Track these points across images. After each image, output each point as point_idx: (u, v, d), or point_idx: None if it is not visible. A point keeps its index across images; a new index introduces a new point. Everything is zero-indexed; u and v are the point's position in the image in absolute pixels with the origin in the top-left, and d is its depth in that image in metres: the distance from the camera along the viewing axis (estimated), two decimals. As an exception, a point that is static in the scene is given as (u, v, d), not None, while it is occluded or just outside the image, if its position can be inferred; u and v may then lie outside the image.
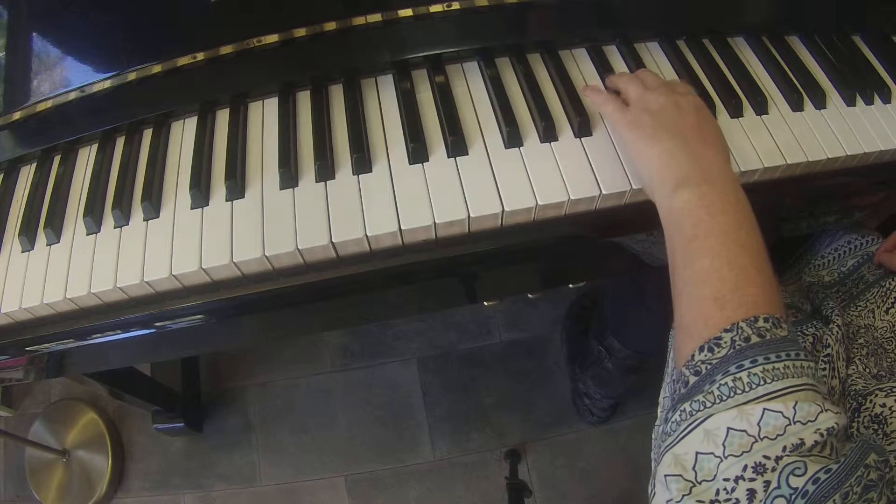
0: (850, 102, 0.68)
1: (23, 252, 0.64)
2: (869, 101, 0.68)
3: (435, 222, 0.58)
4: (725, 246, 0.45)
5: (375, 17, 0.67)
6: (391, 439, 1.42)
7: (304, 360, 1.51)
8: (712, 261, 0.45)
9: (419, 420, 1.43)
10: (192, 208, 0.62)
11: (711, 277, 0.45)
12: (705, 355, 0.42)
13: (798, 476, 0.35)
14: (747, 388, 0.39)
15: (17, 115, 0.69)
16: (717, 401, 0.40)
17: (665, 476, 0.40)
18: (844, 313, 0.66)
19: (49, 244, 0.64)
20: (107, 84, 0.68)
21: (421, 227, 0.58)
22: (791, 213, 0.70)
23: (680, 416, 0.42)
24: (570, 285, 0.86)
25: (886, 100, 0.68)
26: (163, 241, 0.61)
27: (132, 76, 0.67)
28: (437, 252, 0.61)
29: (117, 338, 0.64)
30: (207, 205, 0.62)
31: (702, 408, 0.41)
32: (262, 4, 0.68)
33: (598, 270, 0.86)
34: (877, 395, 0.52)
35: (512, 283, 0.78)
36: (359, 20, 0.67)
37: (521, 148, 0.62)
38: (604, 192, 0.60)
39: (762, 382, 0.39)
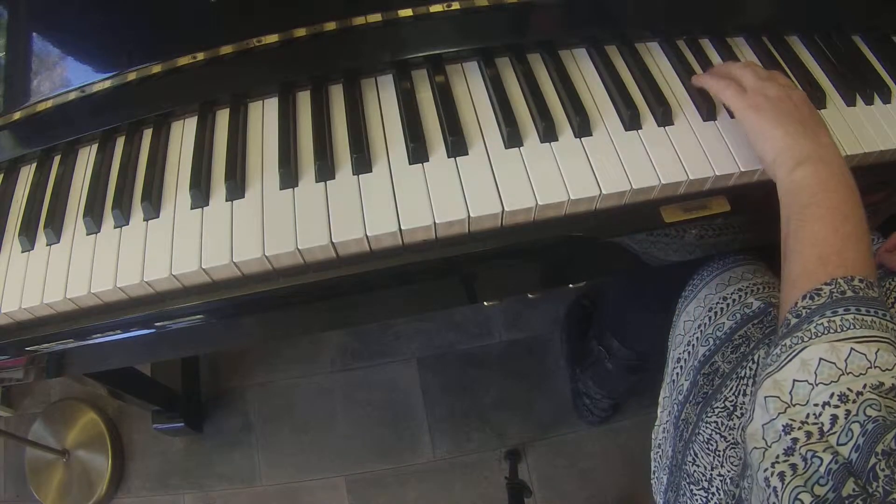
0: (850, 102, 0.68)
1: (23, 252, 0.64)
2: (869, 101, 0.68)
3: (435, 222, 0.58)
4: (833, 216, 0.52)
5: (375, 17, 0.67)
6: (391, 439, 1.42)
7: (304, 360, 1.51)
8: (822, 226, 0.52)
9: (419, 420, 1.43)
10: (192, 208, 0.62)
11: (819, 240, 0.51)
12: (807, 302, 0.49)
13: (874, 409, 0.41)
14: (839, 329, 0.46)
15: (17, 115, 0.69)
16: (814, 336, 0.46)
17: (765, 398, 0.46)
18: (845, 313, 0.66)
19: (49, 244, 0.64)
20: (107, 84, 0.68)
21: (421, 227, 0.58)
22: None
23: (780, 349, 0.48)
24: (570, 285, 0.86)
25: (886, 100, 0.68)
26: (163, 241, 0.61)
27: (132, 76, 0.67)
28: (438, 252, 0.61)
29: (117, 338, 0.64)
30: (207, 205, 0.62)
31: (800, 341, 0.47)
32: (262, 4, 0.68)
33: (598, 270, 0.86)
34: None
35: (512, 283, 0.78)
36: (359, 20, 0.67)
37: (521, 148, 0.62)
38: (604, 191, 0.60)
39: (852, 327, 0.45)
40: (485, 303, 0.84)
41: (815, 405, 0.43)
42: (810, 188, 0.54)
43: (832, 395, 0.43)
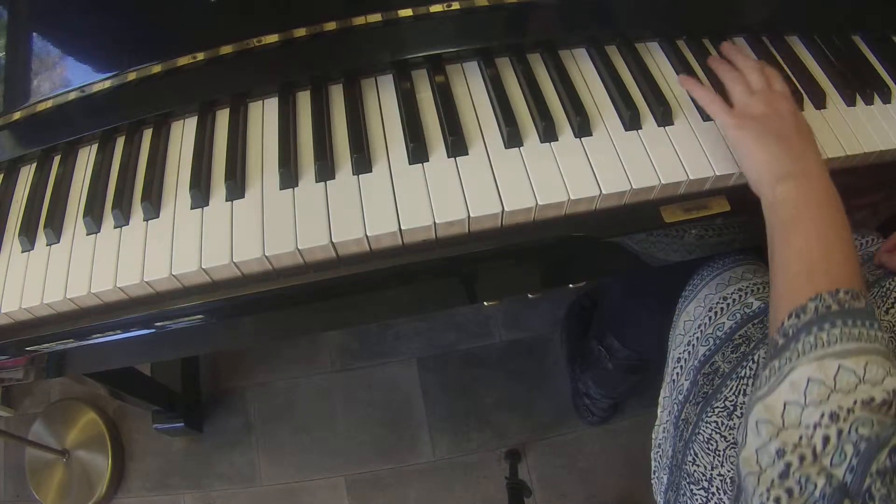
0: (850, 102, 0.68)
1: (23, 252, 0.64)
2: (869, 101, 0.68)
3: (435, 222, 0.58)
4: (817, 230, 0.52)
5: (375, 17, 0.67)
6: (391, 439, 1.42)
7: (304, 360, 1.51)
8: (805, 240, 0.52)
9: (419, 420, 1.43)
10: (192, 208, 0.62)
11: (803, 255, 0.51)
12: (793, 321, 0.48)
13: (866, 427, 0.41)
14: (826, 345, 0.45)
15: (17, 115, 0.69)
16: (801, 355, 0.46)
17: (757, 422, 0.46)
18: (845, 313, 0.66)
19: (49, 244, 0.64)
20: (107, 84, 0.68)
21: (421, 227, 0.58)
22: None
23: (769, 371, 0.48)
24: (570, 285, 0.86)
25: (886, 100, 0.68)
26: (163, 242, 0.61)
27: (132, 76, 0.67)
28: (437, 252, 0.61)
29: (117, 338, 0.64)
30: (207, 205, 0.62)
31: (787, 363, 0.46)
32: (262, 4, 0.68)
33: (598, 270, 0.86)
34: None
35: (512, 283, 0.78)
36: (359, 20, 0.67)
37: (521, 148, 0.62)
38: (604, 192, 0.60)
39: (839, 341, 0.45)
40: (485, 303, 0.84)
41: (807, 427, 0.43)
42: (792, 203, 0.54)
43: (822, 414, 0.42)
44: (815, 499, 0.40)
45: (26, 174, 0.71)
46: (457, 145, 0.62)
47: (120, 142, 0.69)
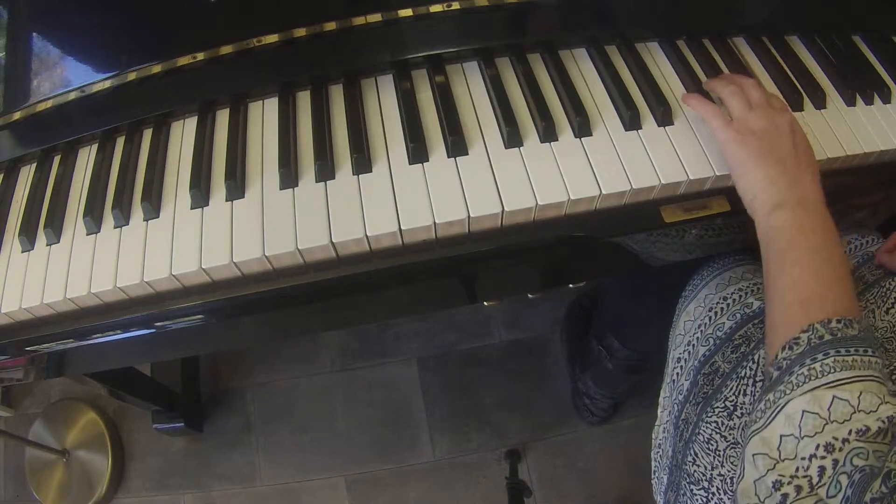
0: (850, 102, 0.68)
1: (23, 252, 0.64)
2: (869, 101, 0.68)
3: (435, 222, 0.58)
4: (812, 259, 0.52)
5: (375, 17, 0.67)
6: (391, 439, 1.42)
7: (304, 360, 1.51)
8: (801, 271, 0.52)
9: (419, 420, 1.43)
10: (192, 208, 0.62)
11: (798, 285, 0.51)
12: (786, 353, 0.48)
13: (861, 458, 0.41)
14: (819, 375, 0.45)
15: (17, 115, 0.69)
16: (795, 387, 0.46)
17: (753, 455, 0.46)
18: (845, 313, 0.66)
19: (49, 244, 0.64)
20: (107, 84, 0.68)
21: (421, 227, 0.58)
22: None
23: (765, 405, 0.48)
24: (570, 285, 0.86)
25: (886, 100, 0.68)
26: (163, 241, 0.61)
27: (132, 76, 0.67)
28: (437, 252, 0.61)
29: (117, 338, 0.64)
30: (207, 205, 0.62)
31: (782, 396, 0.47)
32: (262, 4, 0.68)
33: (598, 270, 0.86)
34: None
35: (512, 283, 0.78)
36: (359, 20, 0.67)
37: (521, 148, 0.62)
38: (604, 192, 0.60)
39: (832, 371, 0.45)
40: (485, 303, 0.84)
41: (803, 458, 0.43)
42: (787, 232, 0.54)
43: (818, 446, 0.43)
44: None
45: (26, 174, 0.71)
46: (457, 145, 0.62)
47: (120, 142, 0.69)
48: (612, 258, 0.70)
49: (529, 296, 0.91)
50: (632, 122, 0.64)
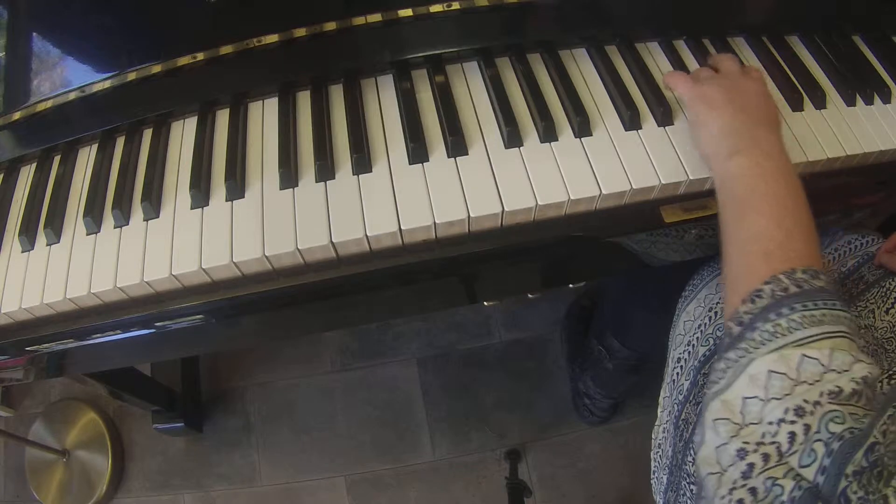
0: (850, 102, 0.68)
1: (23, 252, 0.64)
2: (869, 101, 0.68)
3: (435, 222, 0.58)
4: (774, 208, 0.48)
5: (375, 17, 0.67)
6: (391, 439, 1.42)
7: (304, 360, 1.51)
8: (761, 220, 0.48)
9: (419, 420, 1.43)
10: (192, 208, 0.62)
11: (761, 235, 0.48)
12: (748, 307, 0.45)
13: (838, 423, 0.37)
14: (786, 333, 0.42)
15: (17, 115, 0.69)
16: (759, 346, 0.42)
17: (714, 420, 0.43)
18: (844, 313, 0.66)
19: (49, 244, 0.64)
20: (107, 84, 0.68)
21: (421, 227, 0.58)
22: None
23: (725, 363, 0.44)
24: (570, 285, 0.86)
25: (886, 100, 0.68)
26: (163, 241, 0.61)
27: (132, 76, 0.67)
28: (438, 252, 0.61)
29: (117, 338, 0.64)
30: (207, 205, 0.62)
31: (745, 354, 0.43)
32: (261, 4, 0.68)
33: (598, 270, 0.86)
34: (881, 383, 0.53)
35: (512, 283, 0.78)
36: (359, 20, 0.67)
37: (521, 148, 0.62)
38: (604, 191, 0.60)
39: (800, 327, 0.42)
40: (485, 303, 0.84)
41: (770, 423, 0.40)
42: (747, 179, 0.51)
43: (787, 409, 0.39)
44: (783, 502, 0.37)
45: (26, 174, 0.71)
46: (457, 145, 0.62)
47: (120, 142, 0.69)
48: (612, 258, 0.70)
49: (529, 296, 0.91)
50: (632, 122, 0.64)
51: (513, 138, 0.62)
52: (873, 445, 0.36)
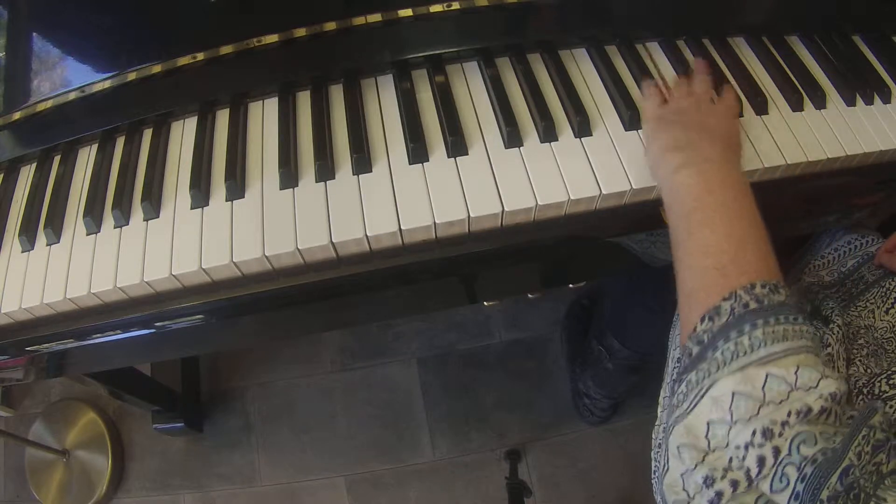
0: (850, 102, 0.68)
1: (23, 252, 0.64)
2: (869, 101, 0.68)
3: (435, 222, 0.58)
4: (723, 218, 0.47)
5: (375, 17, 0.67)
6: (391, 439, 1.42)
7: (304, 360, 1.51)
8: (711, 232, 0.46)
9: (419, 420, 1.43)
10: (192, 208, 0.62)
11: (711, 248, 0.46)
12: (707, 325, 0.43)
13: (809, 446, 0.36)
14: (749, 350, 0.40)
15: (17, 115, 0.69)
16: (721, 365, 0.40)
17: (678, 447, 0.41)
18: (844, 314, 0.66)
19: (49, 244, 0.64)
20: (107, 84, 0.68)
21: (421, 227, 0.58)
22: (791, 213, 0.70)
23: (686, 386, 0.42)
24: (570, 285, 0.86)
25: (886, 100, 0.68)
26: (163, 241, 0.61)
27: (132, 76, 0.67)
28: (438, 252, 0.61)
29: (117, 338, 0.64)
30: (207, 205, 0.62)
31: (706, 375, 0.41)
32: (262, 4, 0.68)
33: (598, 270, 0.86)
34: (880, 383, 0.52)
35: (512, 283, 0.78)
36: (359, 20, 0.67)
37: (521, 148, 0.62)
38: (604, 192, 0.60)
39: (763, 345, 0.40)
40: (485, 303, 0.84)
41: (737, 447, 0.38)
42: (693, 189, 0.49)
43: (754, 432, 0.37)
44: None
45: (26, 174, 0.71)
46: (457, 145, 0.62)
47: (120, 142, 0.69)
48: (612, 258, 0.70)
49: (529, 296, 0.91)
50: (632, 121, 0.64)
51: (513, 138, 0.62)
52: (848, 468, 0.34)
